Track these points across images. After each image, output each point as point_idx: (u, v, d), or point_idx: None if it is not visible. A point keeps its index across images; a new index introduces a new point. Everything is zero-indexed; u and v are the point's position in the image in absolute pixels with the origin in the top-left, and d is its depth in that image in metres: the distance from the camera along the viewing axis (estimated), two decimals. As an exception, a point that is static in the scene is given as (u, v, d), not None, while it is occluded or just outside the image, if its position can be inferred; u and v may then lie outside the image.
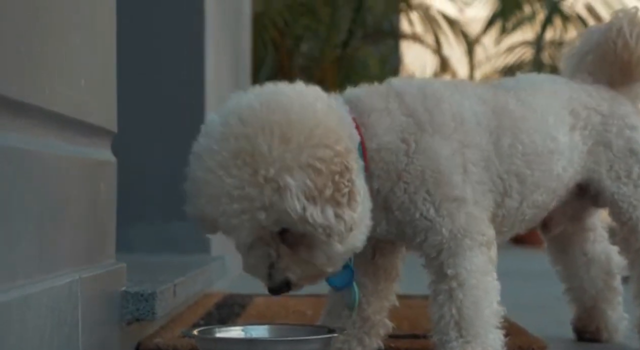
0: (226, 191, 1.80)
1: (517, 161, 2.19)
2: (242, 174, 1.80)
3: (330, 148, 1.83)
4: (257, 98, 1.88)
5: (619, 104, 2.42)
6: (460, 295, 2.05)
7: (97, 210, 2.18)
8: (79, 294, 1.90)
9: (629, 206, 2.37)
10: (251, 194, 1.80)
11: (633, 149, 2.38)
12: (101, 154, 2.27)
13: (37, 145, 1.80)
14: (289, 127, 1.82)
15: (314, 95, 1.91)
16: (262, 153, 1.80)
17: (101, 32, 2.26)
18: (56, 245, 1.86)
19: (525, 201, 2.22)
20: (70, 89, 1.99)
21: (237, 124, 1.84)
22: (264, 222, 1.82)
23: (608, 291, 2.62)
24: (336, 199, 1.82)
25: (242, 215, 1.81)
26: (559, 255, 2.65)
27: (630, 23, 2.46)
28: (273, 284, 1.91)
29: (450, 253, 2.05)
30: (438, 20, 7.76)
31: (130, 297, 2.25)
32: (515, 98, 2.25)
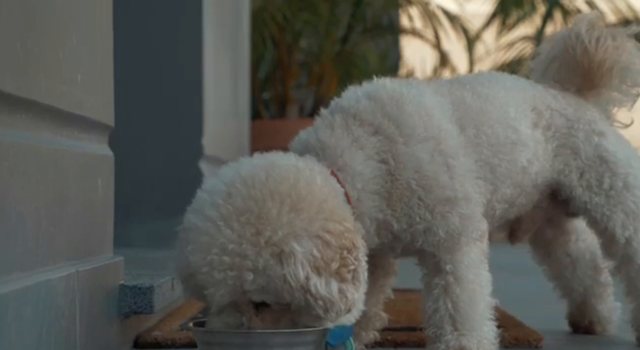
0: (220, 242, 1.76)
1: (485, 151, 2.16)
2: (243, 231, 1.76)
3: (340, 224, 1.82)
4: (259, 169, 1.85)
5: (585, 110, 2.38)
6: (457, 290, 2.06)
7: (95, 204, 2.19)
8: (77, 288, 1.92)
9: (602, 216, 2.33)
10: (246, 252, 1.75)
11: (602, 156, 2.33)
12: (98, 149, 2.29)
13: (34, 140, 1.82)
14: (299, 199, 1.80)
15: (309, 168, 1.88)
16: (269, 217, 1.77)
17: (99, 27, 2.28)
18: (53, 239, 1.87)
19: (496, 194, 2.20)
20: (67, 85, 2.01)
21: (244, 187, 1.80)
22: (248, 285, 1.76)
23: (597, 286, 2.62)
24: (342, 275, 1.80)
25: (228, 271, 1.75)
26: (542, 257, 2.65)
27: (589, 28, 2.41)
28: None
29: (447, 250, 2.06)
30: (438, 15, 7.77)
31: (128, 291, 2.26)
32: (471, 91, 2.21)
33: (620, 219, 2.33)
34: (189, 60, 4.15)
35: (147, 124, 4.13)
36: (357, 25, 7.61)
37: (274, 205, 1.78)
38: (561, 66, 2.45)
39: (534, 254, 2.67)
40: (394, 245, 2.09)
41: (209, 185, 1.86)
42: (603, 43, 2.40)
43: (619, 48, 2.42)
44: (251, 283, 1.77)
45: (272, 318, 1.83)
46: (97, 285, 2.09)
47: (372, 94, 2.06)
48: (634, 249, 2.35)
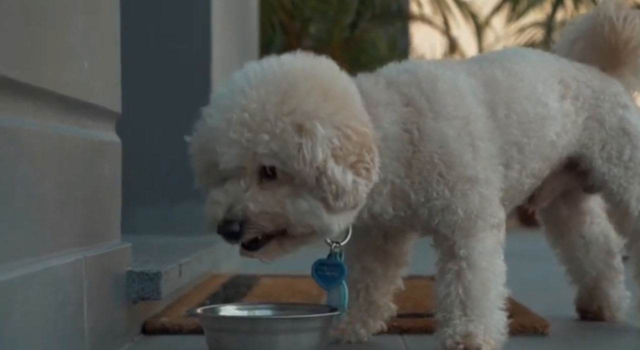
0: (242, 103, 1.80)
1: (515, 131, 2.19)
2: (269, 98, 1.80)
3: (365, 126, 1.88)
4: (300, 59, 1.91)
5: (609, 83, 2.42)
6: (470, 276, 2.06)
7: (102, 190, 2.20)
8: (84, 273, 1.92)
9: (619, 188, 2.36)
10: (268, 115, 1.79)
11: (625, 128, 2.37)
12: (105, 135, 2.29)
13: (40, 126, 1.82)
14: (331, 88, 1.85)
15: (346, 79, 1.95)
16: (298, 93, 1.81)
17: (105, 13, 2.28)
18: (60, 225, 1.88)
19: (524, 171, 2.22)
20: (74, 71, 2.01)
21: (280, 67, 1.86)
22: (261, 148, 1.80)
23: (609, 271, 2.63)
24: (357, 169, 1.84)
25: (245, 132, 1.79)
26: (556, 239, 2.66)
27: (617, 7, 2.46)
28: (228, 216, 1.82)
29: (463, 233, 2.06)
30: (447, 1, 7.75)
31: (136, 277, 2.27)
32: (501, 68, 2.24)
33: (636, 191, 2.36)
34: (197, 45, 4.14)
35: (154, 109, 4.13)
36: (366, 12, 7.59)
37: (304, 86, 1.82)
38: (586, 45, 2.49)
39: (547, 235, 2.67)
40: (413, 222, 2.09)
41: (246, 67, 1.91)
42: (631, 21, 2.44)
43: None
44: (265, 146, 1.80)
45: (272, 189, 1.84)
46: (105, 271, 2.10)
47: (411, 70, 2.13)
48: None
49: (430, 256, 2.15)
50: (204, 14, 4.13)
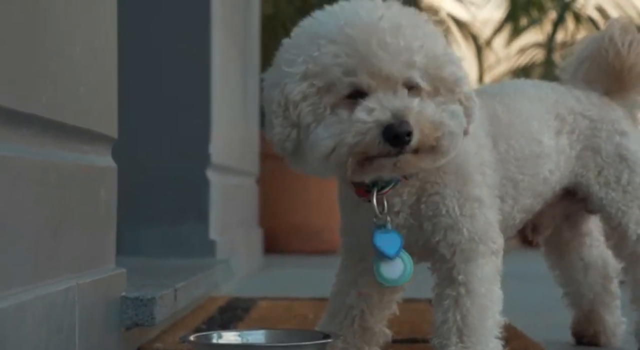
0: (383, 14, 1.87)
1: (512, 167, 2.21)
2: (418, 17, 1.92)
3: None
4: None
5: (608, 109, 2.43)
6: (468, 303, 2.05)
7: (97, 215, 2.20)
8: (77, 300, 1.92)
9: (617, 211, 2.37)
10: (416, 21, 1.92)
11: (622, 154, 2.38)
12: (101, 160, 2.30)
13: (34, 153, 1.83)
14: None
15: None
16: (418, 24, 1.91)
17: (102, 37, 2.29)
18: (54, 252, 1.88)
19: (517, 205, 2.23)
20: (69, 97, 2.01)
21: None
22: (418, 57, 1.84)
23: (606, 295, 2.63)
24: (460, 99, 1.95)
25: (401, 39, 1.83)
26: (556, 260, 2.66)
27: (622, 31, 2.47)
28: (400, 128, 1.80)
29: (463, 257, 2.05)
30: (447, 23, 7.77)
31: (130, 302, 2.27)
32: (501, 104, 2.27)
33: (635, 215, 2.37)
34: (196, 67, 4.15)
35: (154, 130, 4.13)
36: (367, 32, 7.61)
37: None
38: (592, 67, 2.49)
39: (547, 256, 2.67)
40: (418, 236, 2.08)
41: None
42: (635, 47, 2.45)
43: None
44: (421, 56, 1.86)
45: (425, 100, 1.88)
46: (98, 297, 2.10)
47: None
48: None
49: (428, 279, 2.15)
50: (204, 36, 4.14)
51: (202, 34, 4.14)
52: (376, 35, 1.84)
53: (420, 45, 1.85)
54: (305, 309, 3.16)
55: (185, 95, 4.14)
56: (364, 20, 1.87)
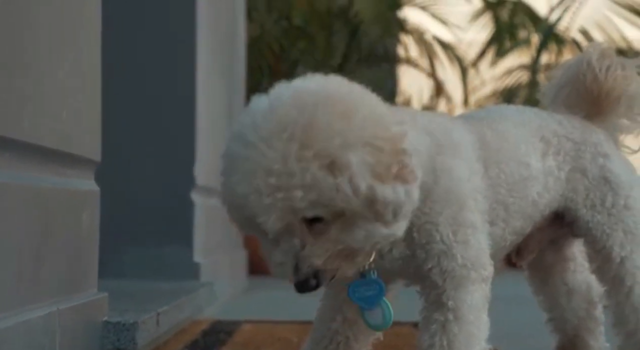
0: (265, 166, 1.70)
1: (502, 191, 2.20)
2: (288, 149, 1.70)
3: (389, 130, 1.80)
4: (311, 82, 1.83)
5: (590, 132, 2.44)
6: (455, 329, 2.04)
7: (79, 240, 2.19)
8: (58, 325, 1.91)
9: (602, 234, 2.37)
10: (293, 170, 1.69)
11: (606, 177, 2.38)
12: (84, 184, 2.29)
13: (16, 178, 1.82)
14: (349, 106, 1.76)
15: (359, 88, 1.87)
16: (318, 126, 1.72)
17: (87, 61, 2.28)
18: (36, 277, 1.87)
19: (508, 228, 2.23)
20: (52, 121, 2.01)
21: (289, 98, 1.75)
22: (298, 203, 1.72)
23: (590, 320, 2.63)
24: (403, 177, 1.78)
25: (276, 193, 1.70)
26: (540, 285, 2.66)
27: (600, 56, 2.48)
28: (300, 276, 1.77)
29: (454, 284, 2.05)
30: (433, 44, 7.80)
31: (112, 327, 2.25)
32: (489, 128, 2.27)
33: (619, 238, 2.36)
34: (182, 89, 4.15)
35: (139, 153, 4.13)
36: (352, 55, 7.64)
37: (323, 114, 1.73)
38: (571, 92, 2.50)
39: (531, 281, 2.67)
40: (409, 264, 2.07)
41: (254, 104, 1.81)
42: (613, 72, 2.46)
43: (628, 78, 2.48)
44: (302, 200, 1.72)
45: (325, 231, 1.78)
46: (79, 322, 2.08)
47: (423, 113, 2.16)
48: (626, 269, 2.37)
49: (413, 302, 2.14)
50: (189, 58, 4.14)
51: (187, 55, 4.15)
52: (255, 199, 1.73)
53: (301, 195, 1.71)
54: (289, 332, 3.15)
55: (170, 117, 4.14)
56: (245, 176, 1.73)
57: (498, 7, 8.10)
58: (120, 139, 3.89)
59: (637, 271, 2.37)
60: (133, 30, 4.04)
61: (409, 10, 8.10)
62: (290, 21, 7.50)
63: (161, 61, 4.13)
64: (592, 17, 8.40)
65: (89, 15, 2.31)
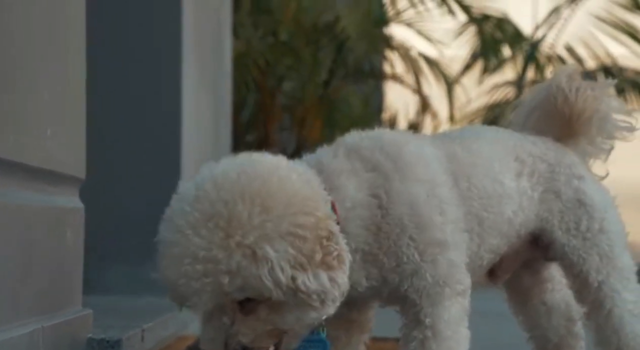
0: (191, 251, 1.76)
1: (475, 204, 2.20)
2: (212, 236, 1.76)
3: (311, 215, 1.82)
4: (233, 167, 1.86)
5: (564, 154, 2.44)
6: (434, 346, 2.06)
7: (63, 257, 2.19)
8: (41, 343, 1.91)
9: (578, 259, 2.37)
10: (218, 257, 1.75)
11: (581, 199, 2.38)
12: (68, 201, 2.29)
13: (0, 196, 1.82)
14: (270, 197, 1.80)
15: (286, 166, 1.90)
16: (240, 219, 1.76)
17: (71, 79, 2.29)
18: (19, 295, 1.87)
19: (483, 245, 2.23)
20: (36, 139, 2.02)
21: (213, 189, 1.80)
22: (226, 288, 1.77)
23: (570, 337, 2.64)
24: (328, 263, 1.80)
25: (203, 278, 1.75)
26: (519, 307, 2.66)
27: (569, 79, 2.49)
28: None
29: (430, 301, 2.06)
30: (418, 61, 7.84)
31: (96, 344, 2.26)
32: (461, 146, 2.27)
33: (595, 262, 2.37)
34: (167, 105, 4.16)
35: (125, 168, 4.13)
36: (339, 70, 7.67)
37: (244, 207, 1.77)
38: (542, 116, 2.51)
39: (510, 303, 2.68)
40: (382, 289, 2.08)
41: (182, 190, 1.86)
42: (583, 93, 2.47)
43: (598, 98, 2.50)
44: (229, 285, 1.77)
45: (255, 311, 1.82)
46: (64, 339, 2.08)
47: (374, 136, 2.12)
48: (604, 293, 2.38)
49: (396, 318, 2.15)
50: (175, 74, 4.15)
51: (173, 70, 4.16)
52: (184, 283, 1.77)
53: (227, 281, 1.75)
54: (274, 348, 3.14)
55: (155, 133, 4.14)
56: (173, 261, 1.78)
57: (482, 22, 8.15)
58: (106, 154, 3.89)
59: (615, 294, 2.38)
60: (118, 45, 4.05)
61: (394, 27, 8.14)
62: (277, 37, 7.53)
63: (146, 76, 4.14)
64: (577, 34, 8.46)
65: (73, 33, 2.32)
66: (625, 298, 2.38)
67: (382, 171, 2.05)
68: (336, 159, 2.05)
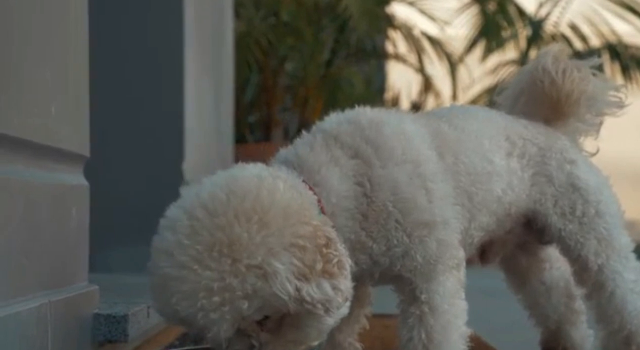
0: (204, 285, 1.73)
1: (463, 179, 2.19)
2: (221, 266, 1.74)
3: (308, 224, 1.81)
4: (219, 188, 1.82)
5: (555, 138, 2.43)
6: (432, 321, 2.07)
7: (69, 234, 2.21)
8: (49, 318, 1.93)
9: (576, 244, 2.36)
10: (232, 284, 1.73)
11: (574, 184, 2.36)
12: (73, 179, 2.31)
13: (5, 172, 1.84)
14: (264, 212, 1.78)
15: (270, 176, 1.88)
16: (241, 242, 1.75)
17: (74, 58, 2.30)
18: (26, 270, 1.89)
19: (473, 222, 2.23)
20: (40, 117, 2.03)
21: (206, 216, 1.77)
22: (245, 312, 1.76)
23: (570, 314, 2.65)
24: (329, 271, 1.80)
25: (222, 308, 1.74)
26: (518, 286, 2.67)
27: (555, 60, 2.47)
28: None
29: (424, 278, 2.07)
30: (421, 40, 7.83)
31: (103, 320, 2.27)
32: (447, 123, 2.26)
33: (593, 246, 2.36)
34: (170, 84, 4.17)
35: (127, 149, 4.15)
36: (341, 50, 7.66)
37: (242, 229, 1.76)
38: (529, 99, 2.50)
39: (509, 283, 2.69)
40: (372, 270, 2.10)
41: (173, 218, 1.82)
42: (569, 74, 2.46)
43: (585, 79, 2.49)
44: (248, 309, 1.76)
45: (277, 330, 1.83)
46: (71, 314, 2.10)
47: (353, 119, 2.09)
48: (605, 276, 2.39)
49: (398, 295, 2.16)
50: (177, 54, 4.16)
51: (175, 51, 4.16)
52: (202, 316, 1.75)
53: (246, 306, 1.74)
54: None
55: (158, 113, 4.15)
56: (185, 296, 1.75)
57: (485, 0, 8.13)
58: (108, 136, 3.90)
59: (616, 275, 2.38)
60: (119, 26, 4.05)
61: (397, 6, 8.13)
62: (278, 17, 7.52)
63: (148, 57, 4.15)
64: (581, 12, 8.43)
65: (75, 12, 2.33)
66: (626, 278, 2.39)
67: (364, 158, 2.04)
68: (313, 151, 2.02)
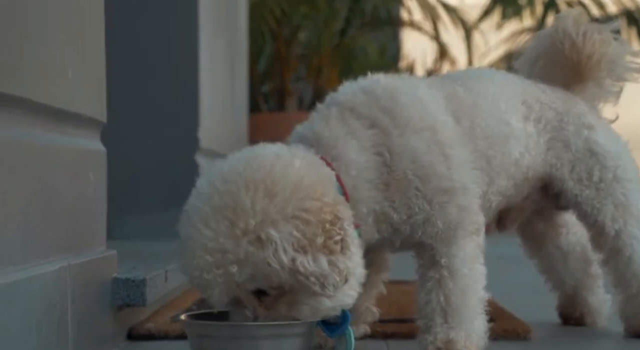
0: (202, 243, 1.81)
1: (480, 142, 2.19)
2: (219, 227, 1.81)
3: (318, 200, 1.84)
4: (239, 160, 1.92)
5: (573, 103, 2.41)
6: (450, 284, 2.08)
7: (86, 199, 2.22)
8: (68, 281, 1.95)
9: (592, 209, 2.36)
10: (225, 246, 1.79)
11: (592, 149, 2.36)
12: (90, 144, 2.31)
13: (24, 136, 1.84)
14: (274, 183, 1.83)
15: (288, 154, 1.93)
16: (243, 207, 1.81)
17: (88, 22, 2.30)
18: (44, 234, 1.90)
19: (492, 186, 2.23)
20: (57, 81, 2.03)
21: (221, 183, 1.86)
22: (237, 277, 1.81)
23: (587, 279, 2.65)
24: (329, 247, 1.82)
25: (215, 269, 1.80)
26: (534, 251, 2.67)
27: (575, 23, 2.45)
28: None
29: (444, 243, 2.08)
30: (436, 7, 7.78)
31: (121, 284, 2.29)
32: (463, 86, 2.25)
33: (610, 211, 2.36)
34: (185, 52, 4.17)
35: (143, 117, 4.16)
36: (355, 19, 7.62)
37: (247, 195, 1.82)
38: (547, 63, 2.48)
39: (524, 248, 2.69)
40: (393, 238, 2.11)
41: (198, 186, 1.92)
42: (590, 37, 2.44)
43: (605, 41, 2.47)
44: (239, 274, 1.81)
45: (274, 306, 1.86)
46: (90, 278, 2.12)
47: (367, 88, 2.09)
48: (623, 241, 2.38)
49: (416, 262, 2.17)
50: (192, 23, 4.15)
51: (190, 19, 4.16)
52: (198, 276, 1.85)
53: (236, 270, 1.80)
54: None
55: (172, 85, 4.16)
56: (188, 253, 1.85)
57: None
58: (123, 103, 3.91)
59: (634, 241, 2.38)
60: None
61: (411, -27, 8.07)
62: (292, -15, 7.48)
63: (163, 24, 4.15)
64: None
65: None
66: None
67: (381, 127, 2.05)
68: (329, 126, 2.04)
